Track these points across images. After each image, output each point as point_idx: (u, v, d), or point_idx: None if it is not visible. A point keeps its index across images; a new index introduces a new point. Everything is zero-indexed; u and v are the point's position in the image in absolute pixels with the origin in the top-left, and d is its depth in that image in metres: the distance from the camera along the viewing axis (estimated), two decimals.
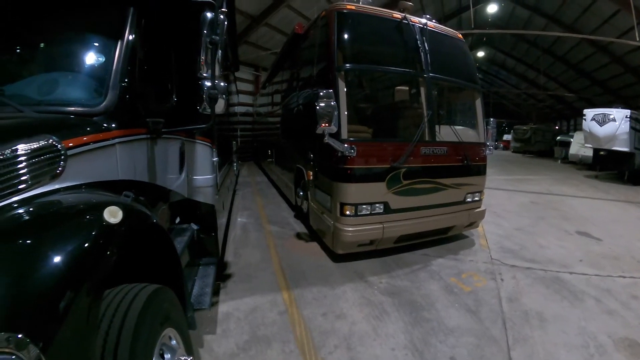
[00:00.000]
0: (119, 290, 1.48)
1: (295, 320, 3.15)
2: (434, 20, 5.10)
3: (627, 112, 12.82)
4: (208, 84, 2.36)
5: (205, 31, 2.27)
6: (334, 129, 3.80)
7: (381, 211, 4.24)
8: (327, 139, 3.83)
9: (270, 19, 14.88)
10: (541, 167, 18.92)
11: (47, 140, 1.58)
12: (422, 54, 4.60)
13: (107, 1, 2.39)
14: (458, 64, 5.26)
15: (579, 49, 23.16)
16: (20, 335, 0.92)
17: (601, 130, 13.38)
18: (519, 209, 7.95)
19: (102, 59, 2.25)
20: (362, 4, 4.68)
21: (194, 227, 3.22)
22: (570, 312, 3.44)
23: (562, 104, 34.31)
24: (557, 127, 37.26)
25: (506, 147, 35.82)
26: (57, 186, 1.59)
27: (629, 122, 12.64)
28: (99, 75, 2.19)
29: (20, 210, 1.36)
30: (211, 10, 2.34)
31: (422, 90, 4.60)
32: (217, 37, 2.31)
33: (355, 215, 4.12)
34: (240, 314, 3.21)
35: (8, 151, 1.43)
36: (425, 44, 4.65)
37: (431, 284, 3.92)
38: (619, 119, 12.83)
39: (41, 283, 1.08)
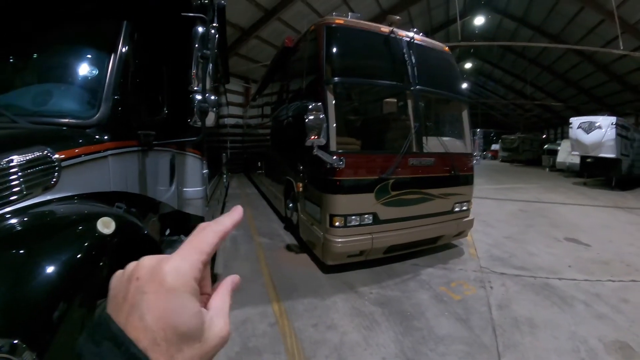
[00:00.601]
0: None
1: (286, 331, 3.14)
2: (420, 34, 5.19)
3: (613, 119, 13.06)
4: (199, 97, 2.40)
5: (196, 45, 2.31)
6: (322, 141, 3.86)
7: (370, 222, 4.27)
8: (316, 151, 3.87)
9: (261, 32, 15.02)
10: (530, 176, 19.15)
11: (42, 152, 1.61)
12: (409, 67, 4.69)
13: (101, 15, 2.43)
14: (444, 76, 5.36)
15: (565, 58, 23.68)
16: (16, 341, 0.94)
17: (588, 138, 13.59)
18: (508, 218, 8.03)
19: (95, 72, 2.28)
20: (351, 18, 4.76)
21: (184, 239, 3.21)
22: (560, 317, 3.47)
23: (550, 113, 34.87)
24: (544, 136, 37.77)
25: (494, 156, 36.19)
26: (51, 197, 1.62)
27: (615, 129, 12.86)
28: (93, 87, 2.23)
29: (16, 220, 1.39)
30: (202, 25, 2.38)
31: (410, 103, 4.67)
32: (208, 52, 2.34)
33: (345, 226, 4.14)
34: (231, 325, 3.17)
35: (4, 161, 1.45)
36: (412, 57, 4.74)
37: (421, 294, 3.94)
38: (605, 126, 13.05)
39: (37, 291, 1.10)
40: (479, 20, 22.86)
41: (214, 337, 0.40)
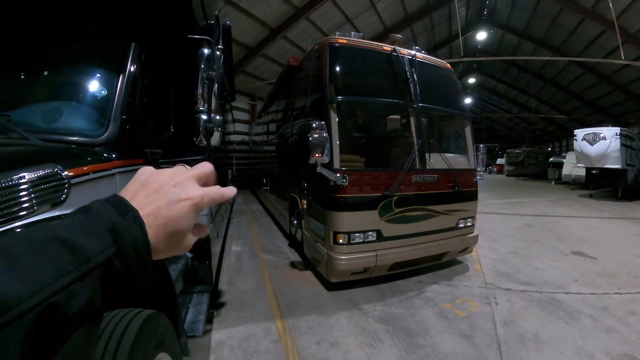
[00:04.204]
0: (116, 314, 1.53)
1: (289, 348, 3.14)
2: (422, 52, 5.27)
3: (617, 129, 13.03)
4: (204, 117, 2.46)
5: (202, 66, 2.37)
6: (326, 159, 3.89)
7: (374, 239, 4.26)
8: (319, 169, 3.91)
9: (267, 50, 15.24)
10: (535, 189, 19.05)
11: (53, 169, 1.66)
12: (411, 84, 4.74)
13: (110, 36, 2.51)
14: (447, 93, 5.42)
15: (567, 70, 23.76)
16: None
17: (592, 150, 13.57)
18: (513, 232, 7.98)
19: (104, 91, 2.34)
20: (354, 37, 4.84)
21: (188, 255, 3.24)
22: (566, 332, 3.44)
23: (554, 125, 34.81)
24: (549, 149, 37.67)
25: (500, 171, 36.05)
26: (59, 212, 1.66)
27: (619, 140, 12.84)
28: (102, 106, 2.27)
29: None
30: (208, 47, 2.45)
31: (412, 120, 4.71)
32: (214, 73, 2.40)
33: (349, 243, 4.14)
34: (234, 341, 3.20)
35: (16, 177, 1.50)
36: (414, 75, 4.79)
37: (425, 311, 3.91)
38: (609, 137, 13.04)
39: None
40: (481, 36, 23.17)
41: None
